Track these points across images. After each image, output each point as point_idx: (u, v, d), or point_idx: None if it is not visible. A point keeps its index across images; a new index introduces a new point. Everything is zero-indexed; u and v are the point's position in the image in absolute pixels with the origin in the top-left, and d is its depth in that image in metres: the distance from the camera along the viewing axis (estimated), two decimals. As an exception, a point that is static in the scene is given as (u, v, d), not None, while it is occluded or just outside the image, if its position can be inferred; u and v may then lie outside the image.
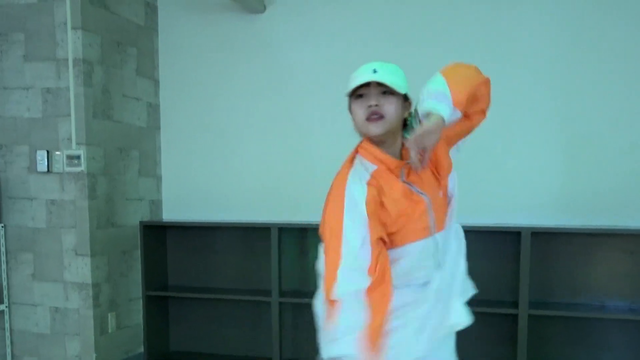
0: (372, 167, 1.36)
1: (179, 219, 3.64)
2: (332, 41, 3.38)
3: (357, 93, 1.33)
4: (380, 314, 1.25)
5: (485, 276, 3.11)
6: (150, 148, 3.65)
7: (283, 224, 3.26)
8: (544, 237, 3.08)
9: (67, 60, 3.01)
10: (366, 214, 1.27)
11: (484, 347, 3.18)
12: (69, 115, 3.05)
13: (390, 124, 1.32)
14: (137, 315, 3.49)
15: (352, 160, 1.39)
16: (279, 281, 3.25)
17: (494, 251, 3.16)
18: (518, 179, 3.19)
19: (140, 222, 3.41)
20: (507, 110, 3.14)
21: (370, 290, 1.24)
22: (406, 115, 1.38)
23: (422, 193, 1.37)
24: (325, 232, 1.31)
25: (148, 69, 3.59)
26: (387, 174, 1.35)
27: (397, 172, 1.36)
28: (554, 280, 3.13)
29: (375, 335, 1.24)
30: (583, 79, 3.09)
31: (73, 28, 2.99)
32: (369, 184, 1.32)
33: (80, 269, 3.13)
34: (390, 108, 1.31)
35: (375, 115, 1.30)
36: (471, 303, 1.51)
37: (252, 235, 3.48)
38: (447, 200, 1.45)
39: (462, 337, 2.00)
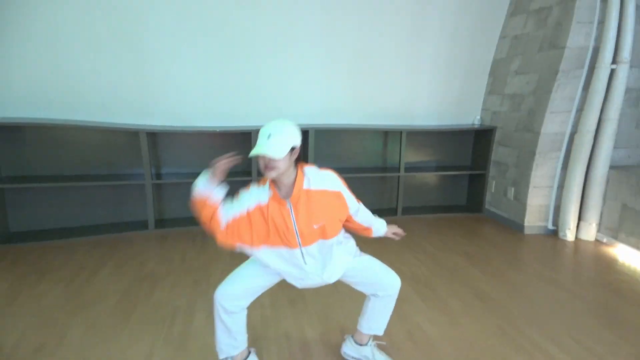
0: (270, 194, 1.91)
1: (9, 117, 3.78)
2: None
3: None
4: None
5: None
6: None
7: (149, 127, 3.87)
8: (324, 132, 4.45)
9: None
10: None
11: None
12: None
13: (280, 171, 1.81)
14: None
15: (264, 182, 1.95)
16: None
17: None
18: (303, 96, 4.39)
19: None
20: (296, 41, 4.21)
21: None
22: (295, 157, 1.86)
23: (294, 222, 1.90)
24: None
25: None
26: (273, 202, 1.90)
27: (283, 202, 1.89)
28: (316, 157, 4.44)
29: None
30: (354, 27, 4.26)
31: None
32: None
33: None
34: (278, 164, 1.80)
35: (268, 168, 1.80)
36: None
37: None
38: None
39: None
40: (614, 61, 3.64)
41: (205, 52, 4.08)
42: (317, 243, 1.95)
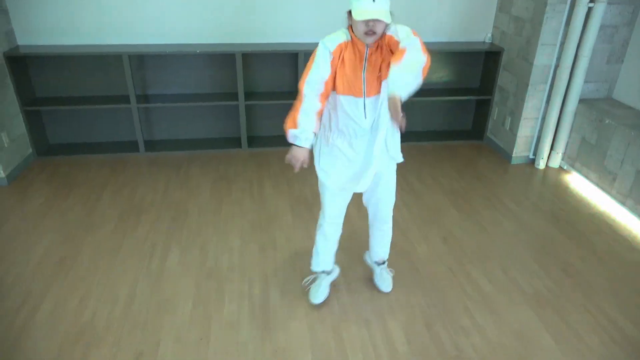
0: (349, 39, 1.90)
1: (36, 44, 4.07)
2: None
3: None
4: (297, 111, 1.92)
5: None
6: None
7: (131, 52, 4.03)
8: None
9: None
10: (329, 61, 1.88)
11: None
12: None
13: (378, 37, 1.84)
14: (21, 128, 4.10)
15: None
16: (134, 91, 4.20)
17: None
18: (298, 8, 4.28)
19: (4, 54, 3.84)
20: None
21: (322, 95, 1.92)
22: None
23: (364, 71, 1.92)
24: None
25: None
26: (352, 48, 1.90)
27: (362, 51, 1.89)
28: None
29: (293, 117, 1.94)
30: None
31: None
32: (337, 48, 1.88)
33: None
34: (380, 28, 1.81)
35: (370, 31, 1.80)
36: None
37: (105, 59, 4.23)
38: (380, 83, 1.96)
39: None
40: (591, -1, 3.65)
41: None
42: (374, 96, 1.98)
